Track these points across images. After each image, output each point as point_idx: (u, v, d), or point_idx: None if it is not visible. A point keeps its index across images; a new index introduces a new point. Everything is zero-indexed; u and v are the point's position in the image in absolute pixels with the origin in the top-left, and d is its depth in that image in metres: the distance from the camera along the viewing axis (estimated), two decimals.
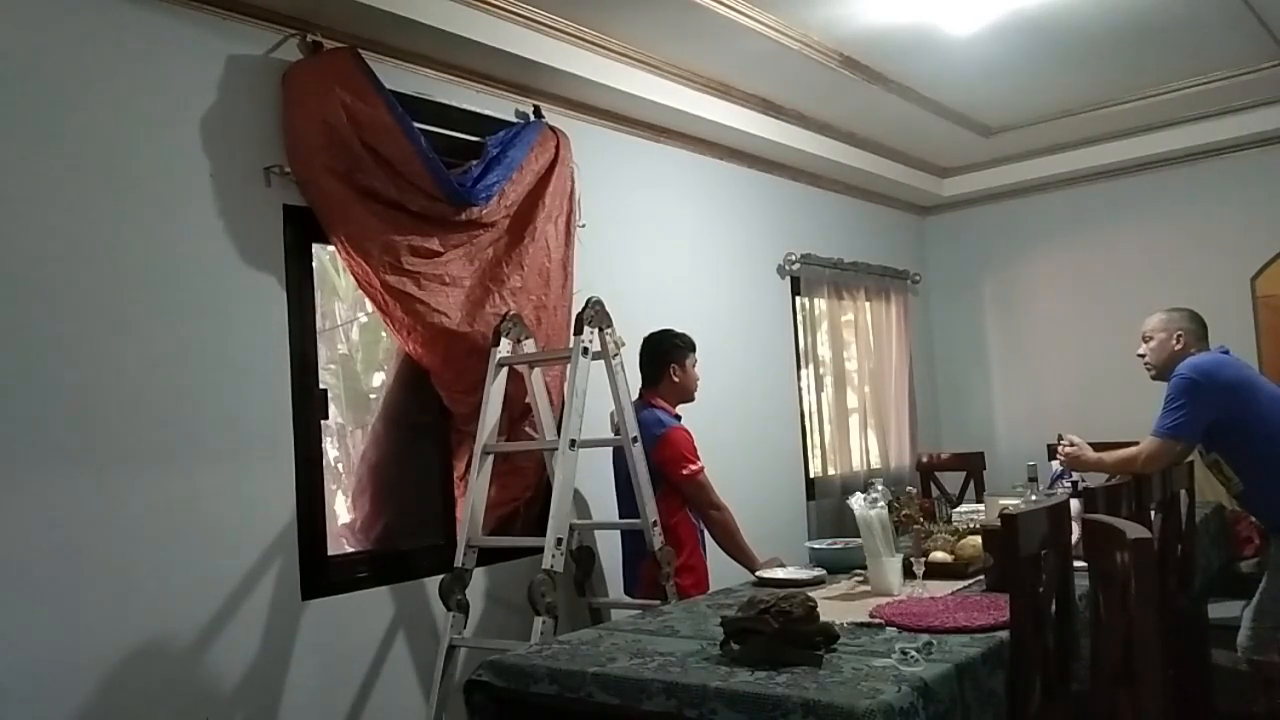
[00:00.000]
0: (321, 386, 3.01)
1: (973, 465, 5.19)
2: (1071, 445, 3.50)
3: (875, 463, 5.36)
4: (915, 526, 2.89)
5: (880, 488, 2.79)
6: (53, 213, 2.41)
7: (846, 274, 5.31)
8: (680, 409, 3.57)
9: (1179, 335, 3.44)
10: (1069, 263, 5.77)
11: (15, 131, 2.36)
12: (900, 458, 5.43)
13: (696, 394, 3.61)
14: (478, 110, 3.42)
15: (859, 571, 2.85)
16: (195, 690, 2.57)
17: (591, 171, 3.75)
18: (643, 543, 3.22)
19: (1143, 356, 3.54)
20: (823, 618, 2.01)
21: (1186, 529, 3.37)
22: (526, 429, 3.43)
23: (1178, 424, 3.25)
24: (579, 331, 3.09)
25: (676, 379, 3.53)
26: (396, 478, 3.44)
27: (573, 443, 2.97)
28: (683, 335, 3.59)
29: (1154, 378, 3.52)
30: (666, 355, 3.53)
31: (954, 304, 6.19)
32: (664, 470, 3.34)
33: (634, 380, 3.47)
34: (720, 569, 3.55)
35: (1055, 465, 3.69)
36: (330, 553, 2.98)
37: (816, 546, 3.19)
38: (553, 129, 3.57)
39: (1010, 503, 2.78)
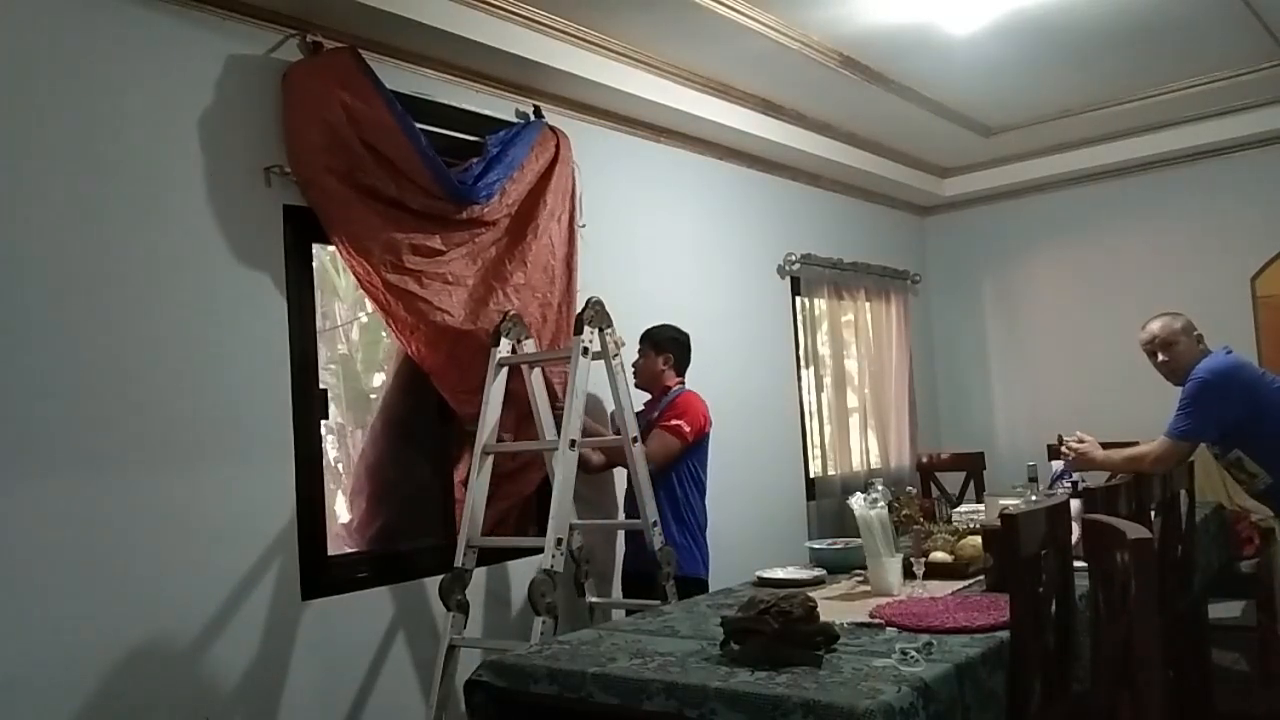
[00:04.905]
0: (321, 386, 3.01)
1: (973, 465, 5.19)
2: (1081, 442, 3.47)
3: (875, 463, 5.35)
4: (915, 526, 2.89)
5: (880, 488, 2.78)
6: (51, 213, 2.41)
7: (846, 274, 5.30)
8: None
9: (1199, 335, 3.41)
10: (1069, 263, 5.77)
11: (14, 131, 2.36)
12: (900, 458, 5.42)
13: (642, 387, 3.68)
14: (478, 110, 3.42)
15: (859, 571, 2.85)
16: (195, 690, 2.57)
17: (591, 171, 3.75)
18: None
19: (1166, 363, 3.39)
20: (823, 618, 2.00)
21: (1186, 529, 3.37)
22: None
23: (1191, 427, 3.23)
24: (579, 331, 3.09)
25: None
26: (396, 478, 3.44)
27: (573, 443, 2.97)
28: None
29: (1177, 383, 3.40)
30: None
31: (954, 304, 6.19)
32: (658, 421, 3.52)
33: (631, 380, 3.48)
34: (721, 569, 3.55)
35: (1055, 465, 3.68)
36: (330, 553, 2.98)
37: (816, 546, 3.18)
38: (553, 129, 3.57)
39: (1010, 503, 2.77)
